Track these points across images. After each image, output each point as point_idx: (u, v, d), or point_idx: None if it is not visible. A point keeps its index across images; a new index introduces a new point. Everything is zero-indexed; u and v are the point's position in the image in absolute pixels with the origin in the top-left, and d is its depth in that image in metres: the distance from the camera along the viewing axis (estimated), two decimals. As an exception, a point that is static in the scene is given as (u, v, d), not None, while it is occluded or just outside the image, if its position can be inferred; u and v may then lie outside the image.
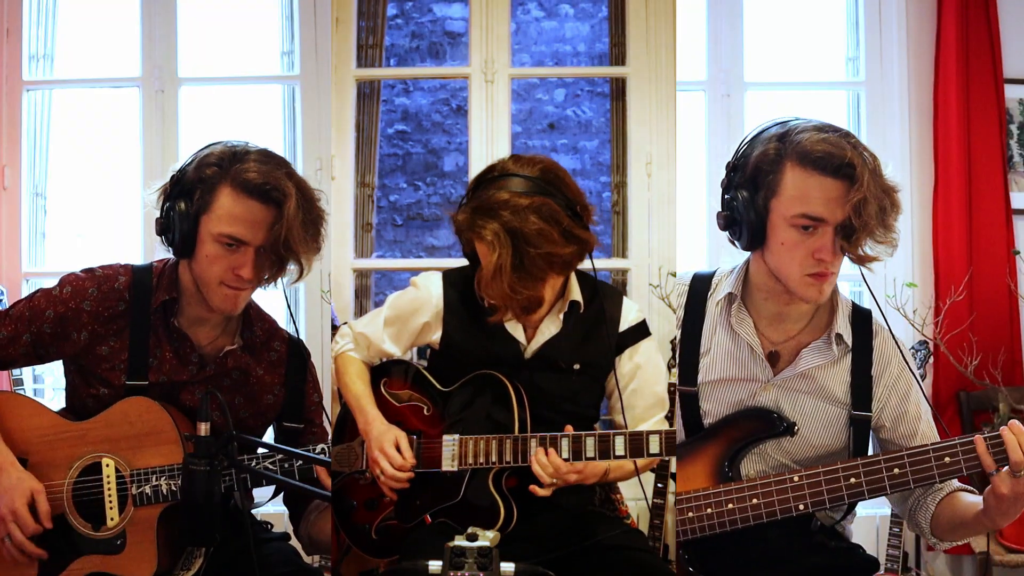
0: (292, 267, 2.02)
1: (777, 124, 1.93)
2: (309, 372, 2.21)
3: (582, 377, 2.23)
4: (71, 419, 2.05)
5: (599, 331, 2.23)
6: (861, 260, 1.87)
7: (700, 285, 2.11)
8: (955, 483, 2.01)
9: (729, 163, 1.98)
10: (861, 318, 2.05)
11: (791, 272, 1.91)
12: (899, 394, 2.03)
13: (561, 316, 2.22)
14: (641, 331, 2.25)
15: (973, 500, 1.94)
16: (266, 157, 1.98)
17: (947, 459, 1.86)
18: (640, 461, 2.19)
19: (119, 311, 2.05)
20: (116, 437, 2.01)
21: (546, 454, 2.07)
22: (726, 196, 1.97)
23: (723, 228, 1.98)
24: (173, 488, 1.98)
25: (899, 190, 1.88)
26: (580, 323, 2.23)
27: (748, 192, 1.91)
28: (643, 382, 2.24)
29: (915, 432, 2.02)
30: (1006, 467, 1.80)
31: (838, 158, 1.82)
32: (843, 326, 2.01)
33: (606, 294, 2.28)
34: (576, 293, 2.22)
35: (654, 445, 2.04)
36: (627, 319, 2.25)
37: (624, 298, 2.28)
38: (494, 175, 2.12)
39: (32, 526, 1.93)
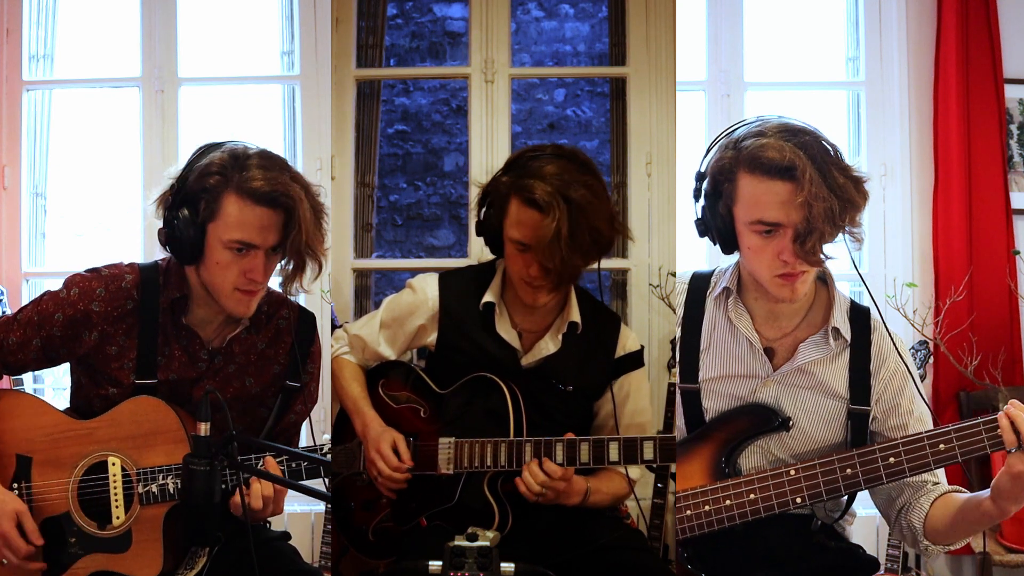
0: (311, 265, 2.02)
1: (730, 129, 1.95)
2: (316, 336, 2.20)
3: (576, 397, 2.23)
4: (77, 418, 2.05)
5: (595, 355, 2.24)
6: (817, 262, 1.87)
7: (700, 283, 2.12)
8: (946, 483, 2.02)
9: (696, 172, 2.01)
10: (859, 314, 2.05)
11: (762, 274, 1.95)
12: (894, 388, 2.03)
13: (560, 336, 2.22)
14: (636, 360, 2.26)
15: (974, 495, 1.93)
16: (267, 161, 1.97)
17: (942, 446, 1.87)
18: (620, 488, 2.21)
19: (128, 310, 2.05)
20: (123, 436, 2.02)
21: (540, 464, 2.07)
22: (697, 204, 2.00)
23: (700, 236, 2.02)
24: (180, 487, 1.98)
25: (864, 180, 1.87)
26: (577, 345, 2.23)
27: (713, 201, 1.96)
28: (628, 413, 2.25)
29: (904, 425, 2.02)
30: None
31: (779, 161, 1.83)
32: (840, 320, 2.02)
33: (604, 316, 2.28)
34: (575, 314, 2.23)
35: (648, 451, 2.05)
36: (624, 346, 2.26)
37: (622, 324, 2.29)
38: (535, 154, 2.13)
39: (24, 547, 1.94)
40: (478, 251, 2.30)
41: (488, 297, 2.24)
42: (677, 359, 2.10)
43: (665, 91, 3.35)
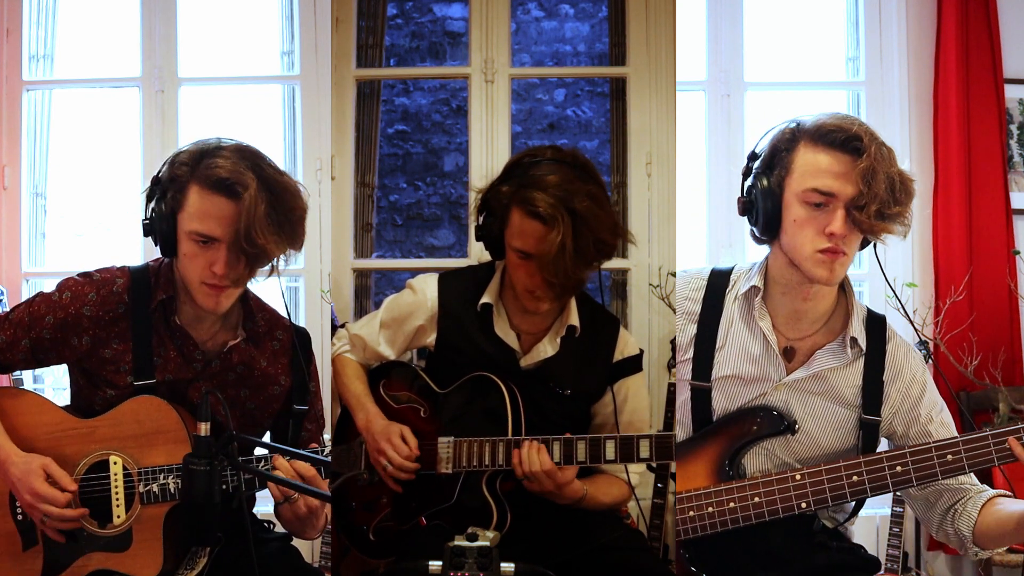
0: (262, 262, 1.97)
1: (797, 117, 1.98)
2: (313, 356, 2.21)
3: (573, 401, 2.23)
4: (79, 417, 2.05)
5: (593, 359, 2.23)
6: (873, 229, 1.87)
7: (719, 280, 2.11)
8: (989, 489, 2.01)
9: (750, 152, 2.02)
10: (875, 323, 2.05)
11: (803, 249, 1.92)
12: (911, 400, 2.03)
13: (559, 339, 2.22)
14: (635, 365, 2.25)
15: (1021, 503, 1.92)
16: (234, 152, 1.95)
17: (949, 456, 1.86)
18: (618, 494, 2.21)
19: (120, 313, 2.05)
20: (124, 435, 2.01)
21: (532, 450, 2.06)
22: (746, 183, 2.00)
23: (742, 213, 2.01)
24: (180, 487, 1.98)
25: (912, 180, 1.90)
26: (576, 348, 2.22)
27: (765, 176, 1.95)
28: (626, 418, 2.24)
29: (926, 434, 2.02)
30: None
31: (845, 131, 1.87)
32: (858, 330, 2.01)
33: (603, 320, 2.27)
34: (574, 317, 2.22)
35: (644, 449, 2.04)
36: (622, 350, 2.25)
37: (621, 327, 2.28)
38: (535, 159, 2.10)
39: (61, 496, 1.94)
40: (478, 251, 2.30)
41: (486, 299, 2.23)
42: (691, 356, 2.07)
43: (665, 91, 3.35)
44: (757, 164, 1.98)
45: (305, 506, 1.98)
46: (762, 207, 1.95)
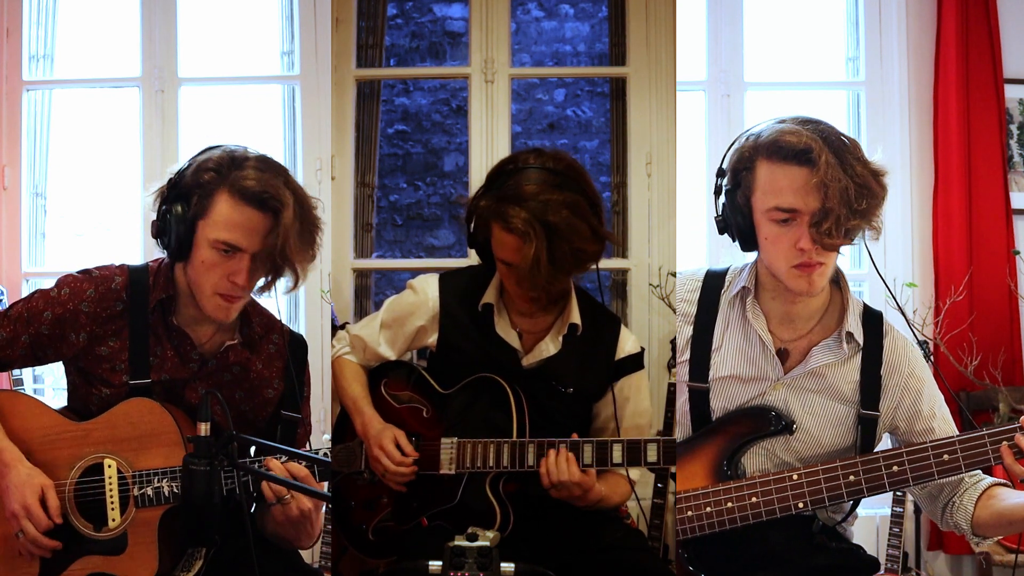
0: (287, 275, 1.98)
1: (750, 127, 1.97)
2: (307, 366, 2.21)
3: (576, 399, 2.23)
4: (73, 419, 2.05)
5: (595, 357, 2.23)
6: (833, 247, 1.86)
7: (714, 281, 2.11)
8: (986, 478, 2.01)
9: (717, 168, 2.01)
10: (872, 318, 2.05)
11: (779, 265, 1.93)
12: (912, 394, 2.03)
13: (560, 338, 2.22)
14: (636, 362, 2.25)
15: (1018, 496, 1.93)
16: (264, 164, 1.96)
17: (946, 456, 1.87)
18: (625, 492, 2.22)
19: (117, 311, 2.05)
20: (118, 438, 2.01)
21: (561, 458, 2.06)
22: (718, 201, 2.00)
23: (720, 232, 2.01)
24: (175, 490, 1.97)
25: (882, 174, 1.87)
26: (577, 347, 2.22)
27: (732, 194, 1.95)
28: (629, 415, 2.24)
29: (930, 429, 2.02)
30: None
31: (795, 144, 1.85)
32: (854, 325, 2.01)
33: (604, 319, 2.27)
34: (576, 315, 2.22)
35: (652, 453, 2.04)
36: (624, 348, 2.25)
37: (623, 326, 2.28)
38: (516, 166, 2.09)
39: (45, 521, 1.94)
40: (478, 251, 2.30)
41: (487, 298, 2.24)
42: (688, 357, 2.07)
43: (665, 91, 3.35)
44: (724, 181, 1.97)
45: (297, 508, 1.96)
46: (735, 225, 1.95)
